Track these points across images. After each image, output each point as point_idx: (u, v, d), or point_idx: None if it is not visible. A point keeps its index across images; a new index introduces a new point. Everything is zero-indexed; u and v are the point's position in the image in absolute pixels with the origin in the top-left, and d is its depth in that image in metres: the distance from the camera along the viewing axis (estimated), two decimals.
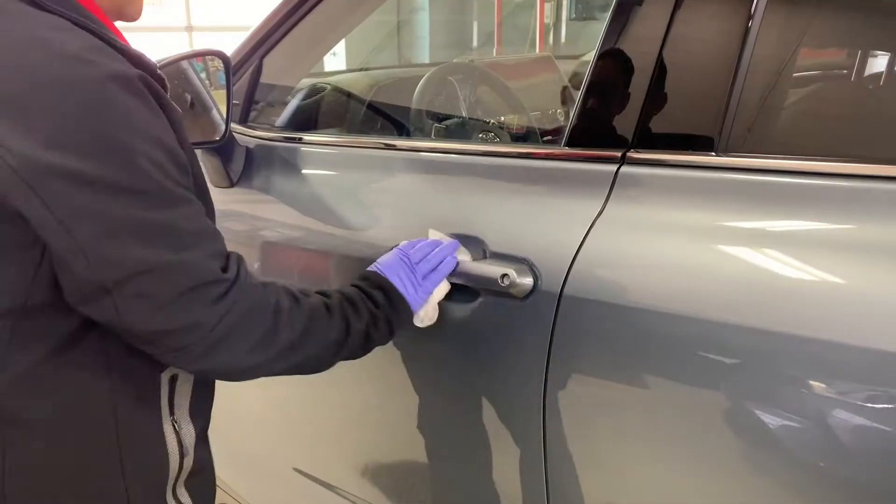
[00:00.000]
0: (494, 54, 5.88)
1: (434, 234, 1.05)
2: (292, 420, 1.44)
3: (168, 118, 0.78)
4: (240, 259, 0.83)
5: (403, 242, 1.02)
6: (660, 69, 0.90)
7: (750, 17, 0.85)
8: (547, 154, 1.04)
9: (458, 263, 1.01)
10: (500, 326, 0.99)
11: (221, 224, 1.40)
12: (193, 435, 0.91)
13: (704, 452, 0.83)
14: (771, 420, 0.78)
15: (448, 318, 1.03)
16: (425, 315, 1.00)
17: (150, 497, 0.89)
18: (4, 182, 0.70)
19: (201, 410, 0.94)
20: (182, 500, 0.93)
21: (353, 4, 1.50)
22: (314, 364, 0.91)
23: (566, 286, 0.91)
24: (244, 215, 1.39)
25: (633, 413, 0.88)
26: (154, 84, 0.76)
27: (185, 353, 0.78)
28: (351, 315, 0.92)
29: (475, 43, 6.61)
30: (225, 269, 0.79)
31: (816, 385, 0.76)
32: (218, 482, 1.65)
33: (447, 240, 1.03)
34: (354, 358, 0.95)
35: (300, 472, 1.43)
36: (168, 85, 0.87)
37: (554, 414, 0.94)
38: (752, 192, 0.84)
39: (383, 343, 0.96)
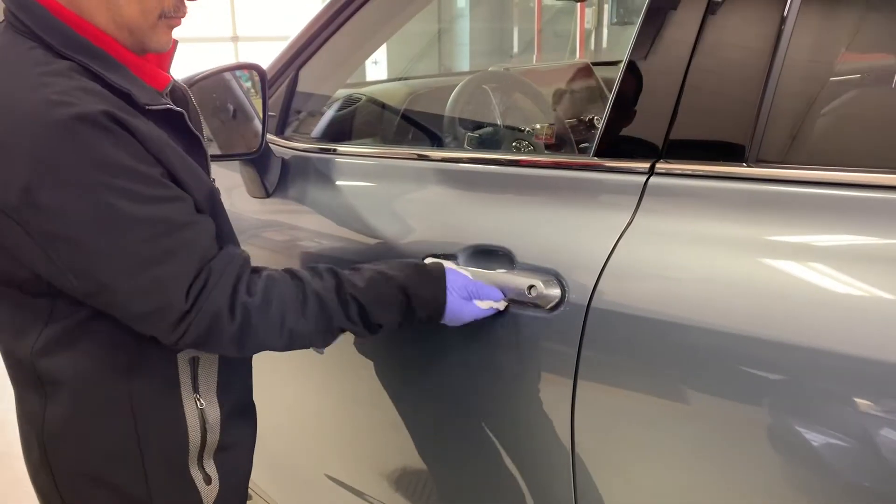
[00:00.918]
0: (534, 61, 5.86)
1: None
2: (326, 428, 1.46)
3: (143, 143, 0.84)
4: (208, 277, 0.87)
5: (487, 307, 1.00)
6: (689, 78, 0.89)
7: (783, 22, 0.84)
8: (576, 164, 1.04)
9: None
10: (529, 338, 0.99)
11: (258, 234, 1.44)
12: (219, 413, 0.99)
13: (734, 466, 0.82)
14: (805, 436, 0.76)
15: (477, 329, 1.03)
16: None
17: (168, 466, 0.97)
18: None
19: (230, 391, 1.01)
20: (208, 471, 1.00)
21: (387, 16, 1.52)
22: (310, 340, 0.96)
23: (594, 298, 0.90)
24: (279, 225, 1.42)
25: (662, 426, 0.87)
26: (122, 117, 0.83)
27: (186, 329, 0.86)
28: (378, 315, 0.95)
29: (515, 49, 6.60)
30: (188, 290, 0.86)
31: (858, 402, 0.73)
32: (252, 486, 1.67)
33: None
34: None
35: (332, 478, 1.44)
36: (187, 110, 0.95)
37: (583, 426, 0.94)
38: (784, 204, 0.82)
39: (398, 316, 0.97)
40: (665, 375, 0.85)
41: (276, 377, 1.44)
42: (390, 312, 0.96)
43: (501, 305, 1.00)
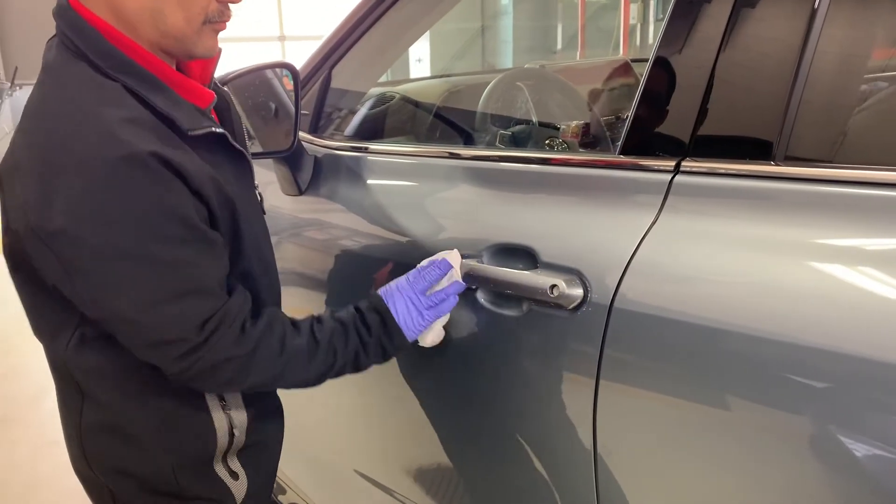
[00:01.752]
0: (578, 57, 5.81)
1: (449, 256, 1.06)
2: (355, 425, 1.48)
3: (186, 180, 0.84)
4: (223, 318, 0.89)
5: (414, 270, 1.06)
6: (717, 74, 0.87)
7: (812, 15, 0.81)
8: (601, 162, 1.02)
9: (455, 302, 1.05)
10: (551, 338, 0.98)
11: (290, 231, 1.46)
12: (245, 417, 1.02)
13: (757, 470, 0.80)
14: (826, 442, 0.74)
15: (501, 329, 1.03)
16: (431, 339, 1.06)
17: (197, 468, 1.00)
18: (24, 235, 0.83)
19: (257, 395, 1.04)
20: (233, 468, 1.03)
21: (418, 15, 1.52)
22: (298, 384, 1.00)
23: (617, 298, 0.89)
24: (311, 223, 1.44)
25: (684, 428, 0.85)
26: (169, 157, 0.83)
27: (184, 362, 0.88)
28: (339, 346, 0.99)
29: (559, 46, 6.54)
30: (202, 326, 0.87)
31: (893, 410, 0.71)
32: (286, 479, 1.70)
33: (457, 262, 1.05)
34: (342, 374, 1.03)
35: (360, 474, 1.46)
36: (229, 113, 0.98)
37: (605, 426, 0.92)
38: (813, 203, 0.80)
39: (376, 363, 1.04)
40: (687, 377, 0.84)
41: None
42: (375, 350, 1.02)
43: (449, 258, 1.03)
